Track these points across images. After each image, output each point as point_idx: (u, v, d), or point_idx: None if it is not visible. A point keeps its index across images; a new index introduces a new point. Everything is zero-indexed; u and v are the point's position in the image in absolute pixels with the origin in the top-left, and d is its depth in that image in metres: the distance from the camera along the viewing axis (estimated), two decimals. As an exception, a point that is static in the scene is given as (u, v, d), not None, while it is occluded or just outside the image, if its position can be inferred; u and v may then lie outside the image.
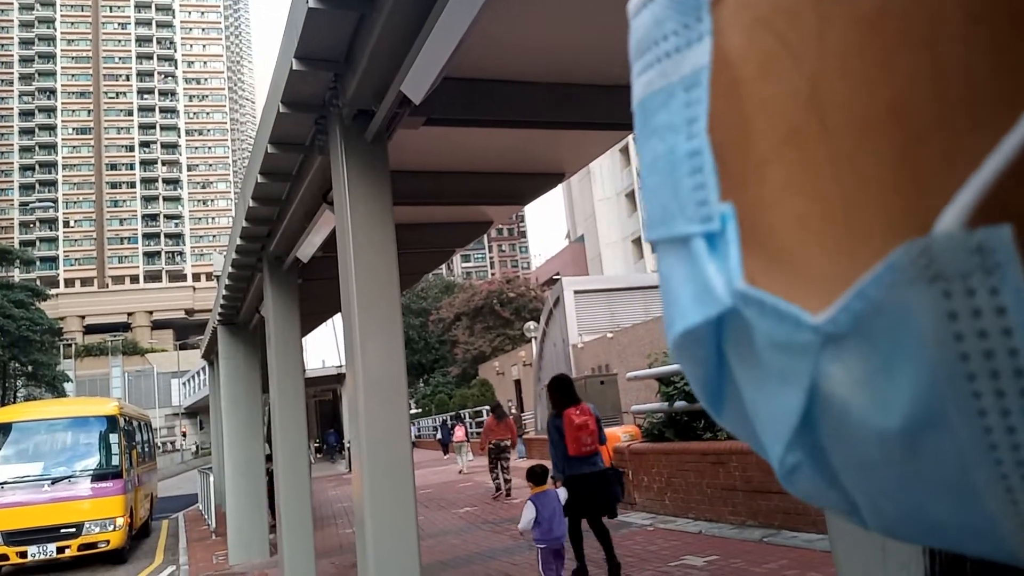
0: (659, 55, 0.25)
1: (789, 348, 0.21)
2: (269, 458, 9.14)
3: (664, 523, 7.88)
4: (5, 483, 11.01)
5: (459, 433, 19.04)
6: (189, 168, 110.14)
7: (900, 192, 0.19)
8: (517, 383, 32.57)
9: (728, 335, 0.23)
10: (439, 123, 4.15)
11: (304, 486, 6.67)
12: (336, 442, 28.88)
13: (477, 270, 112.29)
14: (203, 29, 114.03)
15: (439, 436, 25.84)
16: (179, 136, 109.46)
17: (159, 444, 29.18)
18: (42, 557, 10.80)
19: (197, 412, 73.47)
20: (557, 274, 40.61)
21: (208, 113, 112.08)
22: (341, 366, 24.06)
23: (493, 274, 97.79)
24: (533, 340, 25.48)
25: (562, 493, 5.33)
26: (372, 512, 3.66)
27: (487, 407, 24.55)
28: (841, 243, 0.20)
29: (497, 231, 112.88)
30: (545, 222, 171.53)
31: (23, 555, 10.72)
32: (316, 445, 32.52)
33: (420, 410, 39.23)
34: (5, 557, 10.73)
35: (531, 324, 26.33)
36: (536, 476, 5.28)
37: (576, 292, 23.56)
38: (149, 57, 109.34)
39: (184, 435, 78.53)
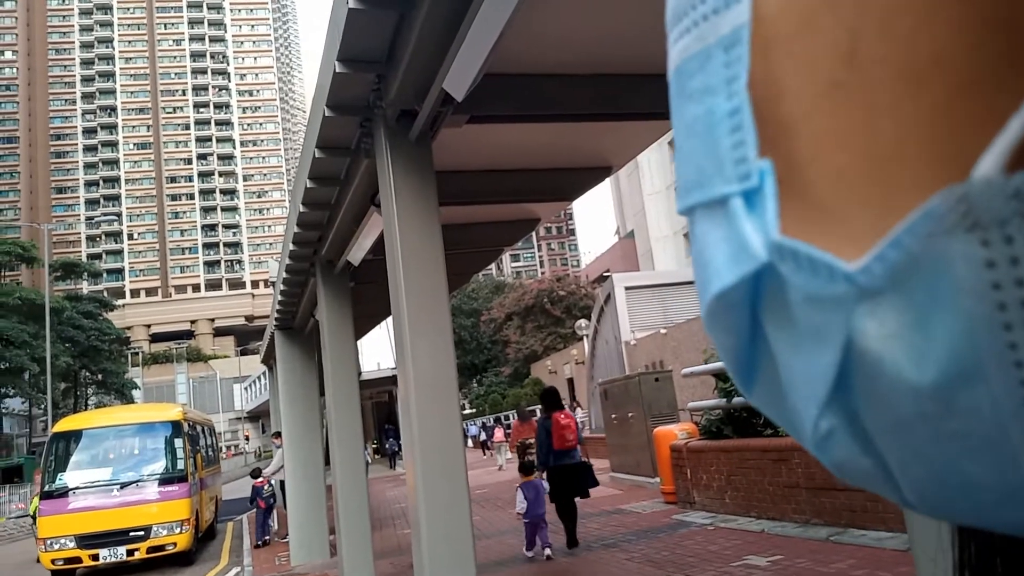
0: (696, 19, 0.24)
1: (824, 302, 0.21)
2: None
3: (725, 522, 7.69)
4: (77, 488, 11.44)
5: (498, 434, 21.58)
6: (245, 178, 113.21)
7: (940, 143, 0.19)
8: (570, 381, 32.41)
9: (764, 297, 0.23)
10: (482, 120, 4.12)
11: (361, 487, 6.73)
12: (394, 443, 29.28)
13: (527, 269, 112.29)
14: (254, 42, 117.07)
15: (482, 437, 28.60)
16: (234, 147, 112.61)
17: (223, 447, 30.03)
18: (113, 560, 11.19)
19: (259, 416, 75.42)
20: (607, 271, 40.25)
21: (261, 124, 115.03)
22: (395, 368, 24.14)
23: (543, 273, 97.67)
24: (585, 338, 25.30)
25: (544, 484, 7.34)
26: (426, 512, 3.65)
27: (530, 406, 24.69)
28: (880, 196, 0.20)
29: (545, 229, 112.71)
30: (594, 219, 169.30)
31: (95, 558, 11.13)
32: (374, 446, 32.95)
33: (474, 410, 39.42)
34: (78, 560, 11.15)
35: (582, 322, 26.14)
36: (525, 468, 7.53)
37: (627, 288, 23.27)
38: (203, 72, 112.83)
39: (247, 438, 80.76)
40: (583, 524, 8.18)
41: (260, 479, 12.59)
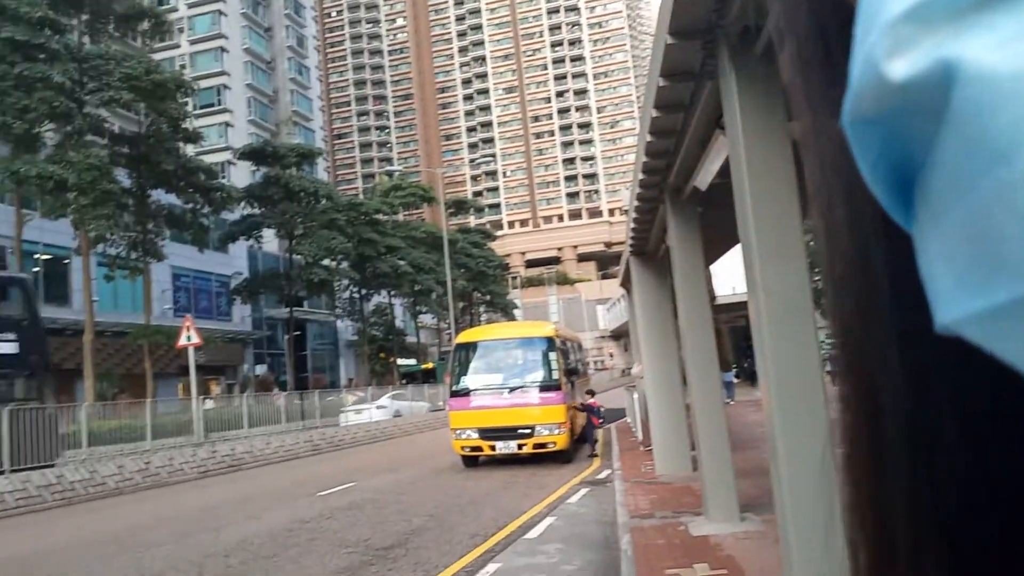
0: None
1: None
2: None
3: None
4: (476, 390, 13.62)
5: None
6: (598, 110, 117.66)
7: None
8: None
9: None
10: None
11: (717, 408, 6.86)
12: (752, 364, 28.87)
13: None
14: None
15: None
16: (587, 81, 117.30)
17: (589, 363, 32.76)
18: (506, 452, 13.20)
19: (620, 335, 79.94)
20: None
21: (611, 54, 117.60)
22: (752, 290, 23.50)
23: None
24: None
25: None
26: (783, 439, 3.64)
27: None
28: None
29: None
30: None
31: (493, 448, 13.24)
32: (735, 369, 32.73)
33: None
34: (480, 449, 13.38)
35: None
36: None
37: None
38: (556, 11, 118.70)
39: (611, 356, 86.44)
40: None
41: (593, 399, 14.37)
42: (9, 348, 15.20)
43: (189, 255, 35.44)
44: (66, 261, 31.87)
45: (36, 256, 30.06)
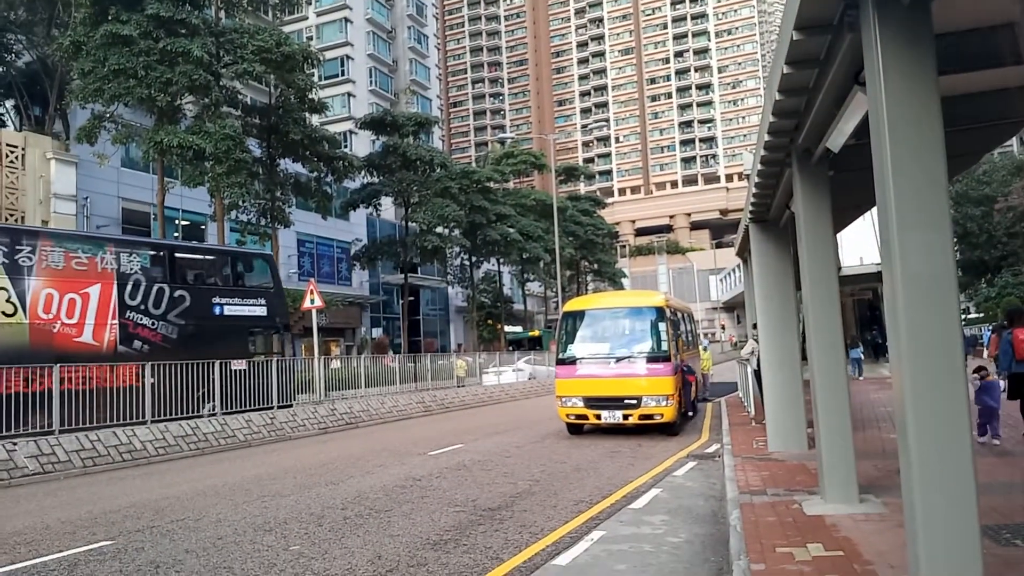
0: None
1: None
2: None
3: None
4: (583, 358, 13.57)
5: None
6: (719, 71, 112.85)
7: None
8: None
9: None
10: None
11: (841, 384, 6.48)
12: (877, 335, 27.20)
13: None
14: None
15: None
16: (709, 40, 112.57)
17: (701, 335, 31.94)
18: (612, 421, 13.10)
19: (733, 307, 77.46)
20: None
21: (736, 10, 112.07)
22: (880, 263, 22.03)
23: (1094, 144, 75.70)
24: None
25: (1002, 383, 9.09)
26: (915, 423, 3.38)
27: None
28: None
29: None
30: None
31: (598, 417, 13.18)
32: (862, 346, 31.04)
33: (982, 315, 33.67)
34: (585, 417, 13.36)
35: None
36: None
37: None
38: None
39: (723, 327, 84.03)
40: None
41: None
42: (260, 311, 18.42)
43: (313, 222, 37.17)
44: (202, 227, 34.30)
45: (176, 222, 32.47)
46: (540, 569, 5.39)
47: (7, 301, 13.63)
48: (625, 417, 12.93)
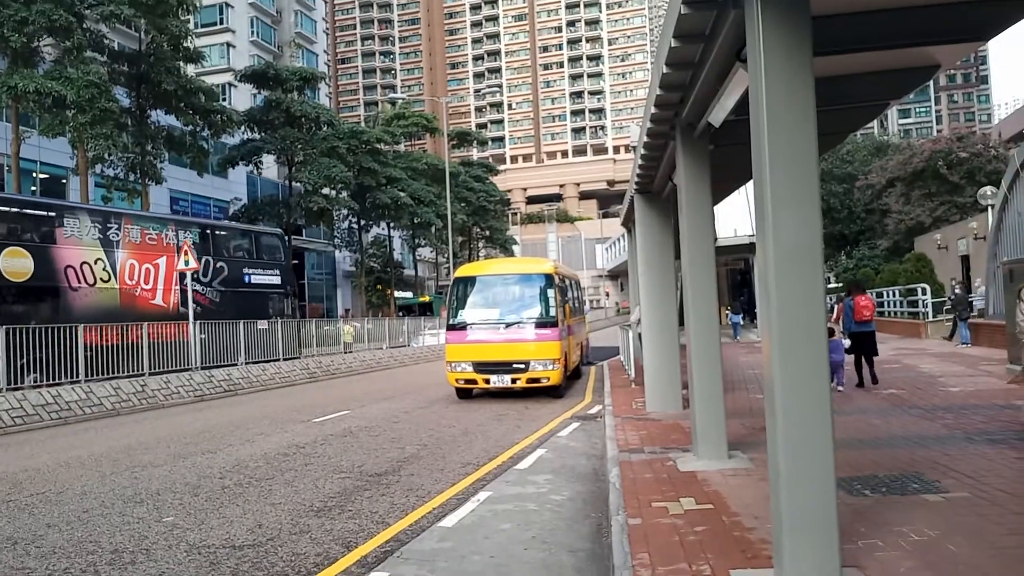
0: None
1: None
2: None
3: None
4: (473, 324, 13.65)
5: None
6: (610, 43, 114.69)
7: None
8: (964, 259, 27.91)
9: None
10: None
11: (714, 350, 6.84)
12: (746, 309, 28.92)
13: (919, 127, 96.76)
14: None
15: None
16: (600, 10, 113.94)
17: (586, 301, 32.92)
18: (500, 385, 13.31)
19: (618, 275, 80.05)
20: (1031, 126, 32.55)
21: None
22: (753, 235, 23.51)
23: (939, 130, 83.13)
24: (990, 209, 21.31)
25: (844, 342, 11.12)
26: (782, 383, 3.61)
27: (922, 285, 22.08)
28: None
29: (947, 78, 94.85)
30: (1015, 62, 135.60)
31: (487, 381, 13.35)
32: (729, 313, 32.90)
33: (840, 284, 36.50)
34: (475, 382, 13.49)
35: (988, 190, 21.99)
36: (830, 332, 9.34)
37: (1058, 148, 18.66)
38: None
39: (607, 295, 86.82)
40: (966, 415, 8.29)
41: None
42: (275, 280, 23.49)
43: (188, 179, 35.04)
44: (63, 181, 31.46)
45: (34, 174, 29.67)
46: (426, 531, 5.42)
47: (104, 270, 17.36)
48: (514, 381, 13.16)
